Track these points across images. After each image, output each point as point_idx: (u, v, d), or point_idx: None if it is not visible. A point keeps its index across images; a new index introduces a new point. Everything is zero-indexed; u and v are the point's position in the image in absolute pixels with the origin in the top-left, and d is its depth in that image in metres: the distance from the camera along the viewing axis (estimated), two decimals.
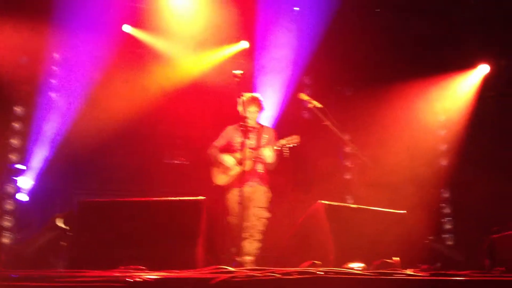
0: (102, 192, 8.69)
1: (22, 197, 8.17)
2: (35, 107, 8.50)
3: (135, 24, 8.87)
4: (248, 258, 6.12)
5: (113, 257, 4.42)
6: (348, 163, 9.87)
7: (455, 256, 6.46)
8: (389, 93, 9.16)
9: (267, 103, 9.11)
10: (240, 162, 6.52)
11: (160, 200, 4.97)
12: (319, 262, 4.06)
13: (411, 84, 9.13)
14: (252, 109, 6.67)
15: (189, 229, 4.53)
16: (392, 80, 9.10)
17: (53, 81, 8.74)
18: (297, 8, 9.02)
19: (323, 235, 5.00)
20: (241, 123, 6.70)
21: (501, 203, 8.62)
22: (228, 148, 6.79)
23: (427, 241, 6.55)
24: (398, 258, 4.50)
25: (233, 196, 6.56)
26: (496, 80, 9.24)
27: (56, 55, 8.79)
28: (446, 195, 9.48)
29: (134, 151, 9.24)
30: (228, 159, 6.59)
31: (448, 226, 9.27)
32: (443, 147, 9.68)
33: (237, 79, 6.20)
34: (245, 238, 6.31)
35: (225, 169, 6.61)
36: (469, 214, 8.94)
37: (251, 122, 6.67)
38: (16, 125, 8.36)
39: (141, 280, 2.85)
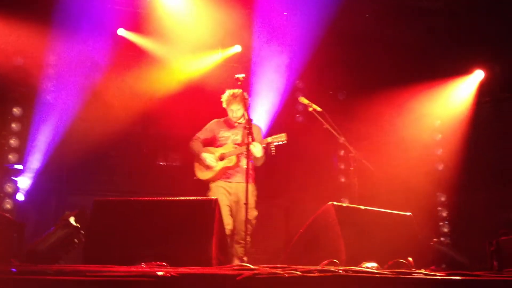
0: (96, 193, 8.65)
1: (19, 196, 8.16)
2: (33, 108, 8.48)
3: (131, 27, 8.89)
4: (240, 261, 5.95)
5: (128, 255, 4.44)
6: (342, 166, 9.94)
7: (460, 258, 6.53)
8: (382, 98, 9.22)
9: (261, 107, 9.26)
10: (222, 157, 6.55)
11: (174, 199, 4.98)
12: (337, 261, 4.08)
13: (405, 89, 9.19)
14: (235, 106, 6.71)
15: (204, 228, 4.55)
16: (385, 85, 9.16)
17: (49, 83, 8.71)
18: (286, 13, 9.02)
19: (334, 235, 5.02)
20: (226, 118, 6.86)
21: (496, 208, 8.74)
22: (212, 142, 6.81)
23: (432, 243, 6.61)
24: (411, 259, 4.54)
25: (217, 188, 6.55)
26: (491, 85, 9.32)
27: (51, 57, 8.75)
28: (443, 199, 9.55)
29: (128, 152, 9.26)
30: (209, 158, 6.57)
31: (445, 229, 9.37)
32: (439, 151, 9.75)
33: (239, 82, 6.33)
34: (238, 242, 6.33)
35: (208, 164, 6.59)
36: (465, 217, 9.05)
37: (236, 118, 6.75)
38: (14, 126, 8.30)
39: (174, 275, 2.85)
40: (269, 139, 6.45)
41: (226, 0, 8.40)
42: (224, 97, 6.77)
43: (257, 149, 6.36)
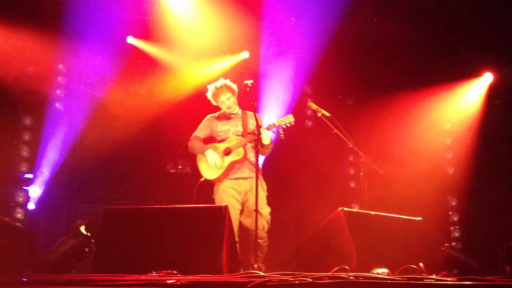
0: (106, 201, 8.67)
1: (30, 206, 8.19)
2: (43, 117, 8.51)
3: (140, 35, 8.91)
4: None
5: (138, 263, 4.45)
6: (352, 171, 9.92)
7: (471, 262, 6.48)
8: (392, 102, 9.20)
9: (269, 113, 9.25)
10: (228, 152, 6.19)
11: (184, 207, 4.98)
12: (348, 267, 4.07)
13: (414, 93, 9.15)
14: (224, 97, 6.37)
15: (214, 236, 4.55)
16: (395, 89, 9.13)
17: (58, 92, 8.75)
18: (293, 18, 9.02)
19: (344, 241, 5.02)
20: (220, 112, 6.53)
21: (508, 211, 8.67)
22: (211, 139, 6.45)
23: (443, 248, 6.56)
24: (422, 264, 4.52)
25: (225, 189, 6.14)
26: (500, 88, 9.28)
27: (61, 66, 8.80)
28: (453, 203, 9.50)
29: (138, 160, 9.23)
30: (212, 156, 6.15)
31: (456, 234, 9.31)
32: (449, 155, 9.71)
33: (248, 88, 6.03)
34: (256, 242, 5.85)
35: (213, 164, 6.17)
36: (476, 221, 8.98)
37: (230, 109, 6.42)
38: (25, 135, 8.34)
39: (184, 283, 2.85)
40: (276, 123, 6.10)
41: (234, 6, 8.40)
42: (209, 94, 6.46)
43: (265, 136, 6.01)
